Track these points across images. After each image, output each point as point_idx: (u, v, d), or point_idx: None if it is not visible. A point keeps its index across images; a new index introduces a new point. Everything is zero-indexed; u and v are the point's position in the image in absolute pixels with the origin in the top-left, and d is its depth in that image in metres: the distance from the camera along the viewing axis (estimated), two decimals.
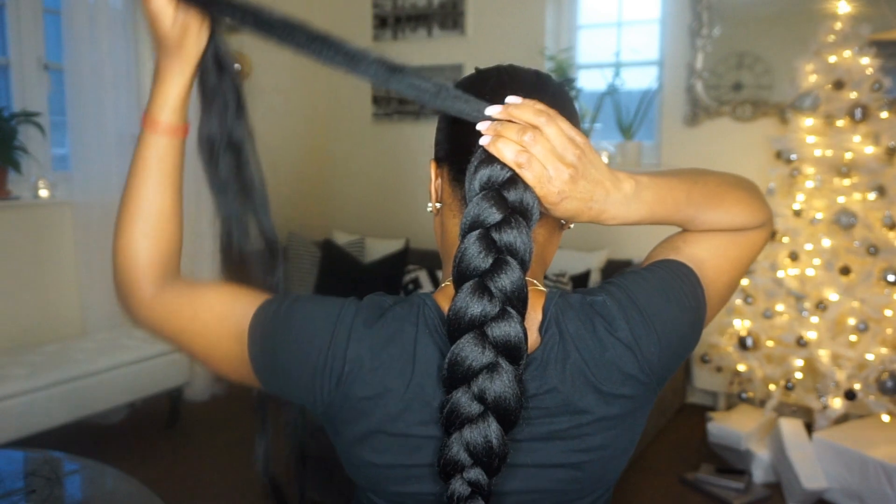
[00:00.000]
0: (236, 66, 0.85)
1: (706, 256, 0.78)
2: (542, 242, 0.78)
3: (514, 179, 0.62)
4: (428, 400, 0.68)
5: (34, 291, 3.18)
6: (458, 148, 0.73)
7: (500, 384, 0.61)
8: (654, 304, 0.71)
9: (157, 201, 0.82)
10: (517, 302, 0.62)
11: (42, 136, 3.16)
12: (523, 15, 3.88)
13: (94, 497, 1.88)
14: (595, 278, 3.48)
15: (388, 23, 4.27)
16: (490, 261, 0.62)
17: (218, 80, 0.88)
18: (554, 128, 0.62)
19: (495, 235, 0.62)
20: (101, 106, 3.23)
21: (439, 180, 0.78)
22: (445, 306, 0.70)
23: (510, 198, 0.63)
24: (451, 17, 4.06)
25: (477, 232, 0.62)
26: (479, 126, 0.64)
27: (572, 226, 0.80)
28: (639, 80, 3.76)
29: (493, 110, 0.64)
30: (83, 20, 3.13)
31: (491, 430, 0.61)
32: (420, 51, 4.20)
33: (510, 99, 0.64)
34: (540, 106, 0.64)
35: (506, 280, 0.61)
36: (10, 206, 3.06)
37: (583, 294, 0.73)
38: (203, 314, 0.76)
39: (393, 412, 0.68)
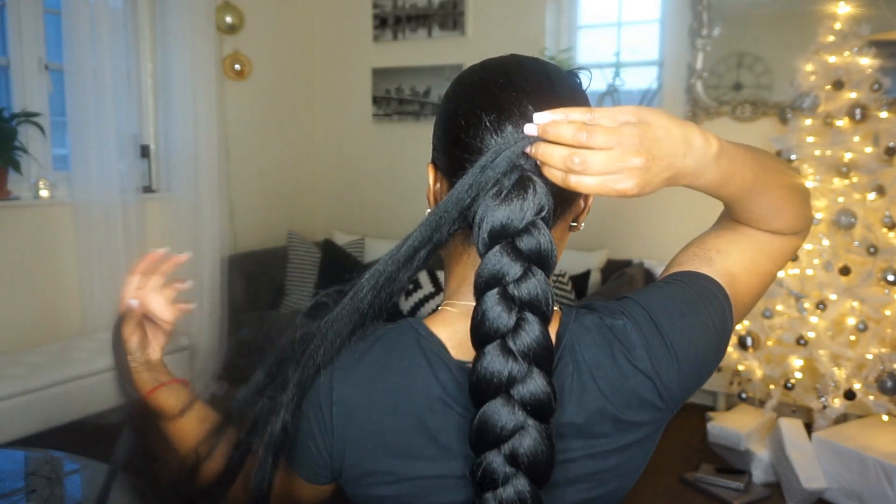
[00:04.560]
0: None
1: (739, 271, 0.74)
2: None
3: (528, 228, 0.59)
4: (432, 434, 0.66)
5: (34, 291, 3.18)
6: (458, 165, 0.67)
7: (530, 443, 0.59)
8: (677, 330, 0.68)
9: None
10: (541, 359, 0.59)
11: (42, 136, 3.16)
12: (523, 15, 3.88)
13: (94, 497, 1.88)
14: (595, 278, 3.48)
15: (388, 23, 4.27)
16: (513, 321, 0.59)
17: None
18: (601, 135, 0.57)
19: (514, 292, 0.59)
20: (101, 106, 3.23)
21: (438, 185, 0.74)
22: (443, 334, 0.69)
23: (524, 248, 0.59)
24: (451, 17, 4.06)
25: (495, 290, 0.59)
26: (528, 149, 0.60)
27: (583, 226, 0.77)
28: (639, 80, 3.76)
29: (526, 144, 0.60)
30: (83, 20, 3.13)
31: (523, 487, 0.59)
32: (420, 51, 4.20)
33: (538, 118, 0.59)
34: (574, 116, 0.58)
35: (528, 338, 0.59)
36: (10, 206, 3.06)
37: (601, 315, 0.69)
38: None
39: (395, 450, 0.67)
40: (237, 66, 3.96)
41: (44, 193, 3.17)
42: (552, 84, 0.68)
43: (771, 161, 0.71)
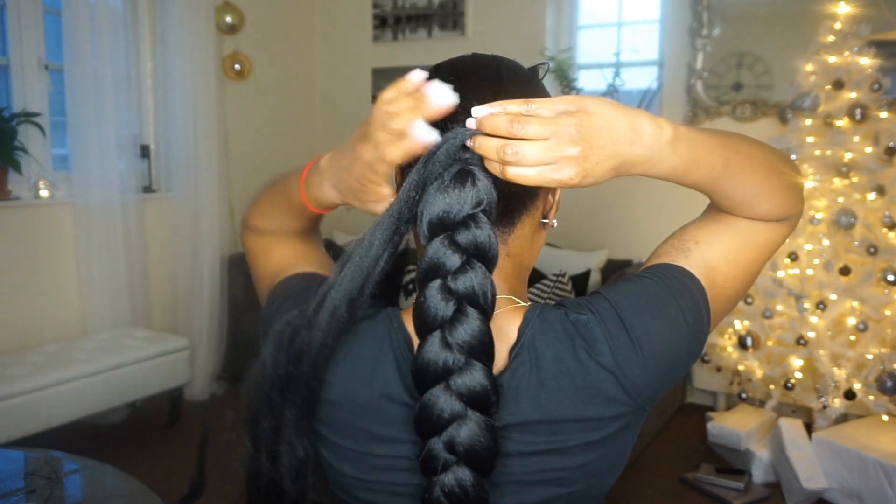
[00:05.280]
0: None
1: (719, 262, 0.72)
2: (518, 253, 0.73)
3: (466, 222, 0.60)
4: (388, 420, 0.67)
5: (34, 291, 3.18)
6: (408, 163, 0.68)
7: (468, 433, 0.60)
8: (643, 325, 0.66)
9: (284, 220, 0.83)
10: (479, 352, 0.60)
11: (42, 136, 3.16)
12: (523, 15, 3.88)
13: (94, 497, 1.88)
14: (595, 278, 3.48)
15: (388, 23, 4.27)
16: (450, 312, 0.60)
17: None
18: (533, 124, 0.58)
19: (452, 284, 0.60)
20: (101, 106, 3.23)
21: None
22: (411, 326, 0.69)
23: (462, 241, 0.60)
24: (451, 18, 4.06)
25: (436, 282, 0.60)
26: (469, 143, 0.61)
27: (555, 224, 0.76)
28: (639, 80, 3.76)
29: (465, 137, 0.61)
30: (83, 20, 3.13)
31: (464, 476, 0.61)
32: (420, 51, 4.20)
33: (475, 112, 0.61)
34: (511, 108, 0.59)
35: (465, 332, 0.60)
36: (10, 206, 3.06)
37: (567, 311, 0.68)
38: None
39: (351, 427, 0.69)
40: (237, 66, 3.95)
41: (44, 193, 3.17)
42: (501, 80, 0.68)
43: (745, 145, 0.68)
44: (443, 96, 0.61)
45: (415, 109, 0.61)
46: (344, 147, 0.68)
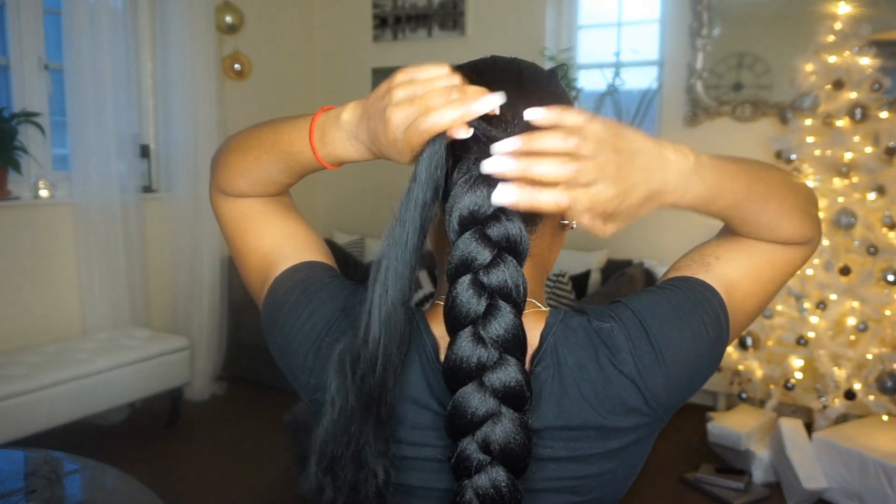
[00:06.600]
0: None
1: (738, 278, 0.72)
2: (539, 254, 0.73)
3: (496, 215, 0.60)
4: (412, 423, 0.67)
5: (34, 291, 3.18)
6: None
7: (503, 431, 0.59)
8: (667, 336, 0.66)
9: (276, 177, 0.76)
10: (513, 347, 0.60)
11: (42, 136, 3.16)
12: (523, 15, 3.88)
13: (94, 497, 1.88)
14: (595, 278, 3.48)
15: (388, 23, 4.27)
16: (483, 307, 0.60)
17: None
18: (588, 162, 0.57)
19: (484, 279, 0.60)
20: (101, 106, 3.23)
21: None
22: (436, 329, 0.69)
23: (493, 235, 0.60)
24: (451, 17, 4.06)
25: (467, 277, 0.60)
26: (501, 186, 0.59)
27: (575, 225, 0.75)
28: (639, 80, 3.76)
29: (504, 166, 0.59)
30: (83, 20, 3.13)
31: (499, 476, 0.60)
32: (420, 51, 4.20)
33: (527, 115, 0.59)
34: (569, 118, 0.58)
35: (499, 326, 0.59)
36: (10, 206, 3.06)
37: (589, 318, 0.68)
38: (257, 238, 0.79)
39: None
40: (237, 66, 3.96)
41: (44, 193, 3.17)
42: (523, 81, 0.68)
43: (763, 170, 0.69)
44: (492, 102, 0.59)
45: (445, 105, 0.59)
46: (370, 100, 0.65)
